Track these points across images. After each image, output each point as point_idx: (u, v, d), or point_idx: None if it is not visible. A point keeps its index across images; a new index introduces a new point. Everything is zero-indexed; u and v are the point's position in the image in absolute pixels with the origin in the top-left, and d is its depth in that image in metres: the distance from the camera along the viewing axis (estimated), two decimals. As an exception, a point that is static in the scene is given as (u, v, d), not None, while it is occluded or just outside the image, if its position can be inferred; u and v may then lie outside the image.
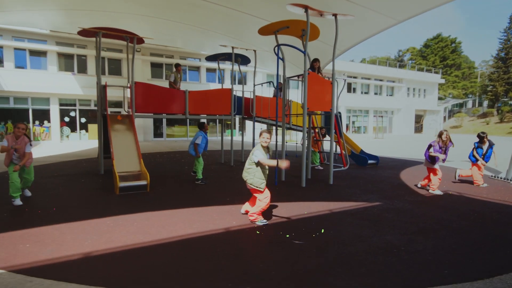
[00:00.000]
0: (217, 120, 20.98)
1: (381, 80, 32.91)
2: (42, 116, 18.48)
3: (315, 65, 7.77)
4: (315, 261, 3.01)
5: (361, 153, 10.68)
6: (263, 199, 4.05)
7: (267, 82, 11.35)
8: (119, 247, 3.25)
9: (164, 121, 22.36)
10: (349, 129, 31.48)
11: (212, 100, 9.32)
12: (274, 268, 2.85)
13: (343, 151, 7.95)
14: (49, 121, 18.58)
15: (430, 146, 6.10)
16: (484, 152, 6.89)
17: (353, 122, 32.00)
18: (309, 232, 3.83)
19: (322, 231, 3.81)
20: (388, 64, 39.10)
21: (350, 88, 31.24)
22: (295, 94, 25.57)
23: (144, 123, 21.06)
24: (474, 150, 6.98)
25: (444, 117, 44.12)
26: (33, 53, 18.30)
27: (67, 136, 19.30)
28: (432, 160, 6.00)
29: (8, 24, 14.97)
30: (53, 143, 18.09)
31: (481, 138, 6.98)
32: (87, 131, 19.97)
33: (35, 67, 18.31)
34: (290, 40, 8.50)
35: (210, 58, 10.39)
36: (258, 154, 3.91)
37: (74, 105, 19.24)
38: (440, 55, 51.87)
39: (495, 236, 3.79)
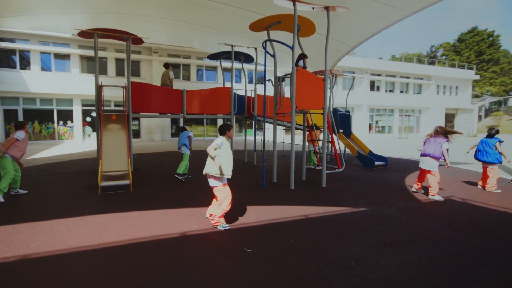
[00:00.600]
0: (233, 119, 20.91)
1: (407, 78, 31.32)
2: (66, 116, 19.37)
3: (305, 60, 7.38)
4: (257, 273, 2.75)
5: (369, 154, 10.09)
6: (223, 199, 3.82)
7: (267, 80, 11.05)
8: (60, 250, 3.18)
9: (182, 121, 22.67)
10: (372, 129, 30.26)
11: (211, 99, 9.20)
12: (206, 280, 2.62)
13: (337, 151, 7.48)
14: (72, 121, 19.45)
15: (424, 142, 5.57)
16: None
17: (377, 122, 30.71)
18: (270, 239, 3.56)
19: (250, 253, 3.49)
20: (416, 60, 37.15)
21: (373, 86, 30.00)
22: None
23: (161, 123, 21.48)
24: (499, 146, 6.12)
25: (480, 116, 41.25)
26: (58, 56, 19.24)
27: (89, 136, 20.10)
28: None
29: (35, 29, 15.85)
30: (76, 142, 18.91)
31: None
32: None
33: (59, 70, 19.24)
34: (286, 36, 8.16)
35: (212, 57, 10.28)
36: (217, 141, 3.73)
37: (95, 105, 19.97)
38: (475, 49, 48.52)
39: (480, 250, 3.31)
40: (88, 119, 19.96)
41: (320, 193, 5.92)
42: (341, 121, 11.19)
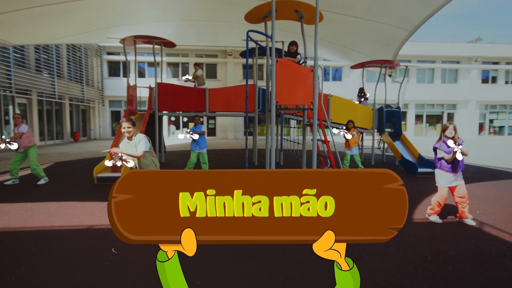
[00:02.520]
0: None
1: (540, 64, 24.38)
2: (155, 116, 22.31)
3: (291, 49, 6.52)
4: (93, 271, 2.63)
5: (418, 159, 8.29)
6: None
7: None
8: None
9: (256, 119, 23.21)
10: (484, 130, 24.70)
11: (234, 97, 9.14)
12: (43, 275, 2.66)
13: (331, 153, 6.35)
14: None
15: (435, 150, 4.24)
16: None
17: (491, 121, 24.89)
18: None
19: (113, 250, 3.17)
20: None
21: (488, 78, 24.46)
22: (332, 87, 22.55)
23: (234, 122, 22.50)
24: None
25: None
26: (150, 64, 22.31)
27: (173, 133, 22.65)
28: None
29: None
30: (171, 140, 21.60)
31: None
32: (188, 128, 22.92)
33: (151, 76, 22.26)
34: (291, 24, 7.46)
35: (243, 54, 10.20)
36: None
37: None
38: None
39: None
40: (173, 118, 22.49)
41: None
42: (390, 119, 9.52)
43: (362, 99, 10.17)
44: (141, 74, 22.18)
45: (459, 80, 24.16)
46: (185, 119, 22.74)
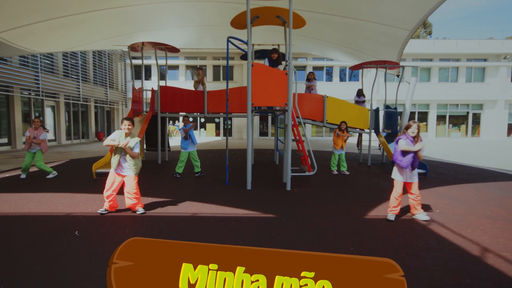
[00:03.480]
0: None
1: None
2: (175, 118, 23.30)
3: (273, 57, 6.78)
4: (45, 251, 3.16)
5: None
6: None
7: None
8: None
9: (270, 120, 23.54)
10: (514, 131, 23.27)
11: (230, 98, 9.52)
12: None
13: (306, 153, 6.51)
14: (178, 121, 23.22)
15: (397, 142, 4.35)
16: None
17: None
18: (120, 227, 3.83)
19: (76, 233, 3.63)
20: None
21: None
22: (328, 88, 22.16)
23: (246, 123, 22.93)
24: None
25: None
26: (170, 67, 23.34)
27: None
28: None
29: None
30: (180, 138, 22.52)
31: None
32: (205, 129, 23.72)
33: (171, 79, 23.29)
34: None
35: (243, 57, 10.58)
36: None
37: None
38: None
39: None
40: (190, 118, 23.33)
41: (264, 196, 5.51)
42: (387, 120, 9.47)
43: (360, 100, 10.21)
44: (162, 76, 23.25)
45: (486, 79, 22.96)
46: (202, 120, 23.55)
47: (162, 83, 10.32)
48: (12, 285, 2.46)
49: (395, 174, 4.34)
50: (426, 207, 4.80)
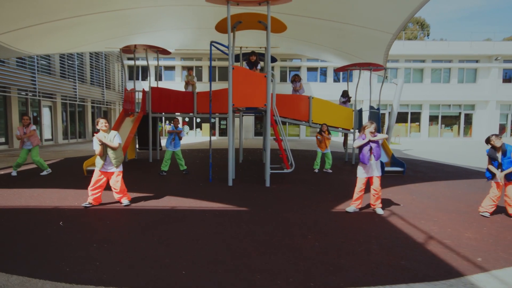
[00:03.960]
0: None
1: None
2: (171, 118, 23.63)
3: (251, 59, 7.12)
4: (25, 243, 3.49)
5: (391, 158, 8.56)
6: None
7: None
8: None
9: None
10: (506, 132, 23.57)
11: (215, 99, 9.83)
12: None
13: (284, 152, 6.84)
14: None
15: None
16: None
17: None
18: (134, 219, 4.17)
19: (61, 223, 3.98)
20: None
21: (511, 77, 23.33)
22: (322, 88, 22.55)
23: (246, 123, 23.28)
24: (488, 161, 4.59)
25: None
26: (167, 68, 23.70)
27: (187, 133, 23.85)
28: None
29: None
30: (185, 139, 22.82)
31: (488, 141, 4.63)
32: (201, 129, 24.05)
33: (168, 79, 23.63)
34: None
35: (236, 59, 10.89)
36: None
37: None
38: None
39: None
40: (187, 119, 23.70)
41: (243, 192, 5.84)
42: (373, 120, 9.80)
43: (345, 101, 10.53)
44: (158, 77, 23.58)
45: (478, 80, 23.29)
46: (198, 120, 23.87)
47: (158, 83, 10.63)
48: (-3, 265, 2.79)
49: (358, 171, 4.68)
50: (392, 202, 5.14)
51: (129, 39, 11.66)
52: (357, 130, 9.85)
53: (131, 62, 23.30)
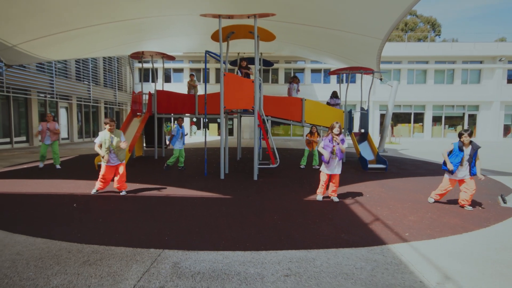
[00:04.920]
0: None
1: None
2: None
3: (242, 64, 7.89)
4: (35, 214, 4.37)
5: (376, 156, 9.19)
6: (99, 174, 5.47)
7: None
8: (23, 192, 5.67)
9: (269, 122, 24.56)
10: (510, 132, 23.60)
11: (212, 102, 10.57)
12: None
13: (270, 149, 7.55)
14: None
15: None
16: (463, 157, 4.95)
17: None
18: (136, 202, 5.03)
19: (74, 205, 4.85)
20: None
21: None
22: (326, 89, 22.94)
23: (250, 123, 24.05)
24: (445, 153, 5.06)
25: None
26: (175, 70, 24.73)
27: (195, 133, 24.83)
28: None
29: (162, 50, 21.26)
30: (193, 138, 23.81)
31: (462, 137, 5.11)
32: (208, 129, 24.98)
33: (176, 81, 24.64)
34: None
35: (233, 63, 11.71)
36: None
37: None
38: None
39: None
40: (194, 119, 24.67)
41: (232, 184, 6.61)
42: (361, 121, 10.45)
43: (335, 102, 11.19)
44: (168, 79, 24.65)
45: (482, 80, 23.43)
46: (206, 120, 24.78)
47: (166, 85, 11.53)
48: (29, 228, 3.65)
49: (322, 167, 5.35)
50: (360, 193, 5.83)
51: (139, 45, 12.60)
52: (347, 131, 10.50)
53: (146, 65, 24.48)
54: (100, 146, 5.33)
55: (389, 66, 23.44)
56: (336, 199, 5.26)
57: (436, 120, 24.16)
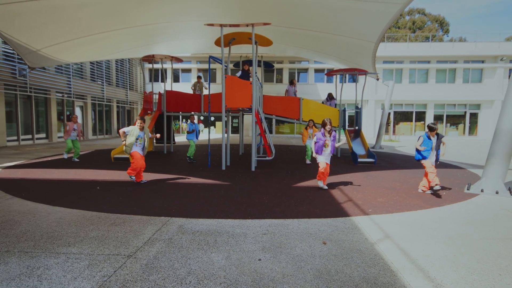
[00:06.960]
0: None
1: None
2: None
3: (244, 67, 8.74)
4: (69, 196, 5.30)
5: (367, 151, 9.95)
6: (132, 162, 6.35)
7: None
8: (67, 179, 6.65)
9: (274, 120, 25.40)
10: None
11: (216, 101, 11.44)
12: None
13: (266, 144, 8.38)
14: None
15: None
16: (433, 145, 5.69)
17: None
18: (154, 187, 5.95)
19: (98, 187, 5.78)
20: None
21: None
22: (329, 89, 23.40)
23: (247, 121, 24.92)
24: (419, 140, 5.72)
25: None
26: (183, 70, 25.73)
27: (202, 131, 25.80)
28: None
29: (171, 53, 22.27)
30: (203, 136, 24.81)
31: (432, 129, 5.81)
32: (215, 127, 25.94)
33: (184, 81, 25.63)
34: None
35: (236, 65, 12.56)
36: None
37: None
38: None
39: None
40: (202, 117, 25.65)
41: (231, 174, 7.48)
42: (356, 119, 11.20)
43: (330, 101, 11.97)
44: (176, 79, 25.66)
45: (484, 80, 23.80)
46: (212, 118, 25.73)
47: (175, 85, 12.45)
48: (64, 203, 4.58)
49: (318, 158, 6.14)
50: (346, 182, 6.63)
51: (150, 47, 13.58)
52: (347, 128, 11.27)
53: (156, 65, 25.54)
54: (123, 135, 6.17)
55: (391, 66, 24.01)
56: (325, 187, 6.04)
57: (438, 118, 24.61)
